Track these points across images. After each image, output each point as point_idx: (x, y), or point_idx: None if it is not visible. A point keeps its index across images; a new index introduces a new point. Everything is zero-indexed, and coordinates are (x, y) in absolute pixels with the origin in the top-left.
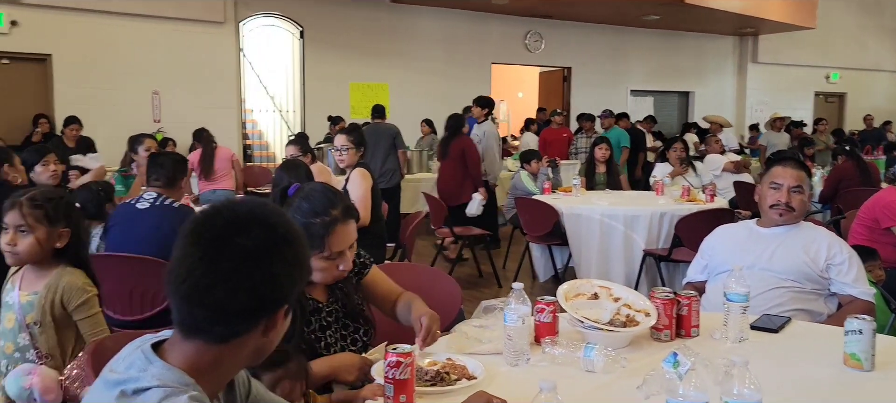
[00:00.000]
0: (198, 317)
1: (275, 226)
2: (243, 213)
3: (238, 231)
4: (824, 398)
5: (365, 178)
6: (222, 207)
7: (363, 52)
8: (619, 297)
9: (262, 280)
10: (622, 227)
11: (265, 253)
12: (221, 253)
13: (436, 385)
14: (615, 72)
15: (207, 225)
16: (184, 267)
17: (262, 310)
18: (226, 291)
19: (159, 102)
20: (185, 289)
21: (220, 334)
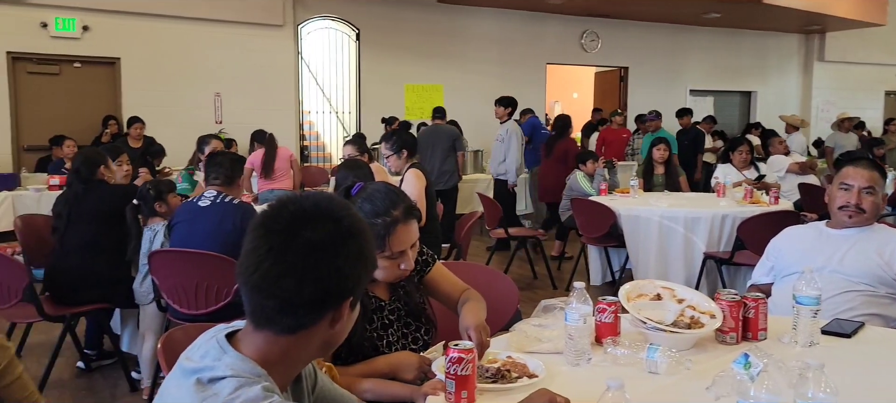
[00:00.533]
0: (267, 308)
1: (340, 220)
2: (309, 207)
3: (305, 224)
4: None
5: (419, 179)
6: (289, 201)
7: (418, 53)
8: (683, 298)
9: (328, 272)
10: (682, 229)
11: (331, 245)
12: (289, 246)
13: (497, 383)
14: (673, 72)
15: (275, 218)
16: (253, 259)
17: (328, 302)
18: (293, 282)
19: (220, 104)
20: (254, 280)
21: (288, 325)
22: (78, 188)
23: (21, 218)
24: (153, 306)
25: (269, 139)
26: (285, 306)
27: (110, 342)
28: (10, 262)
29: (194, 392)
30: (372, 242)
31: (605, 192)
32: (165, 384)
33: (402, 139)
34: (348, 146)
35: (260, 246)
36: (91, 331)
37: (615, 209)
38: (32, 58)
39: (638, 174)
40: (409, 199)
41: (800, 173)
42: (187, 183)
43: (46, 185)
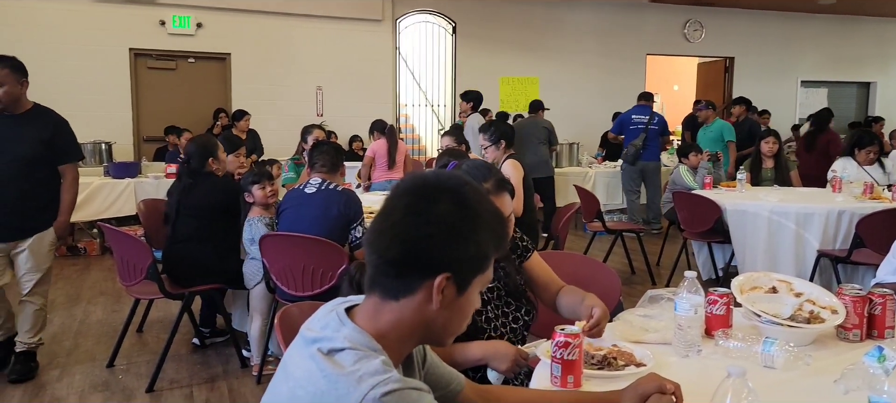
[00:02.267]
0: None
1: (451, 193)
2: (431, 179)
3: (417, 192)
4: None
5: (516, 169)
6: (430, 174)
7: (514, 46)
8: (801, 292)
9: (419, 236)
10: (793, 225)
11: (427, 212)
12: (395, 207)
13: (603, 369)
14: (783, 62)
15: (417, 184)
16: (392, 216)
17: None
18: (386, 240)
19: (322, 97)
20: (367, 237)
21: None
22: (187, 181)
23: (143, 202)
24: (260, 288)
25: (390, 130)
26: (380, 263)
27: (223, 320)
28: (136, 242)
29: (317, 360)
30: (484, 228)
31: (710, 186)
32: (289, 351)
33: (500, 130)
34: (446, 137)
35: (397, 207)
36: (205, 310)
37: (721, 203)
38: (152, 54)
39: (745, 168)
40: (501, 174)
41: None
42: (293, 172)
43: (164, 173)
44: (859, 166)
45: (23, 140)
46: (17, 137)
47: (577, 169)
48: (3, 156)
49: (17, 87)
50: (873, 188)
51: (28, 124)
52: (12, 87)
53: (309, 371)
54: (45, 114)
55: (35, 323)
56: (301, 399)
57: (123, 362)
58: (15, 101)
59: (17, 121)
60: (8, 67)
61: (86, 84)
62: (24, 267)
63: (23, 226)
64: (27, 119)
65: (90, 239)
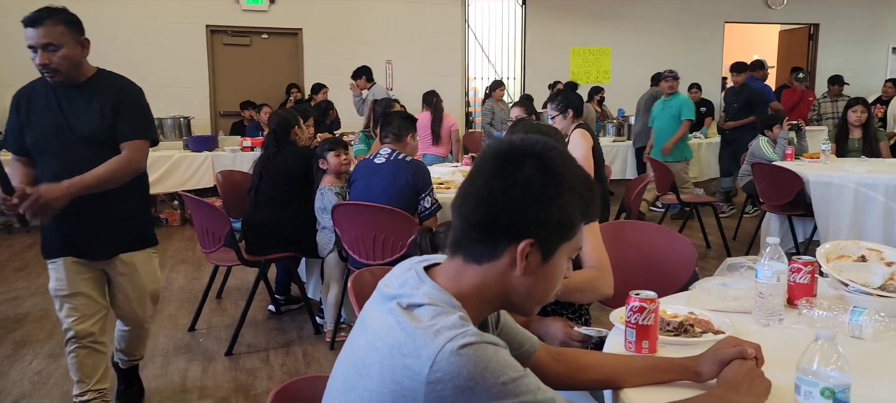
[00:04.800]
0: (456, 229)
1: (537, 158)
2: (516, 144)
3: (503, 157)
4: None
5: (585, 139)
6: (516, 138)
7: (585, 15)
8: (892, 261)
9: (504, 201)
10: (882, 198)
11: (512, 176)
12: (479, 171)
13: (679, 336)
14: (873, 27)
15: (503, 148)
16: (477, 180)
17: (500, 234)
18: (471, 203)
19: (392, 71)
20: (455, 203)
21: (473, 252)
22: (272, 149)
23: (221, 173)
24: (333, 256)
25: (435, 103)
26: (466, 227)
27: (297, 288)
28: (215, 211)
29: (396, 314)
30: (571, 193)
31: (791, 158)
32: (366, 307)
33: (567, 99)
34: (516, 108)
35: (485, 170)
36: (281, 278)
37: (803, 175)
38: (227, 30)
39: (830, 138)
40: (560, 136)
41: None
42: (363, 143)
43: (240, 147)
44: None
45: (92, 116)
46: (87, 114)
47: None
48: (71, 141)
49: (76, 49)
50: None
51: (95, 95)
52: (71, 50)
53: (387, 324)
54: (110, 78)
55: (136, 341)
56: (379, 351)
57: (204, 326)
58: (76, 68)
59: (81, 92)
60: (63, 23)
61: (165, 61)
62: (128, 297)
63: (119, 237)
64: (93, 89)
65: (171, 210)
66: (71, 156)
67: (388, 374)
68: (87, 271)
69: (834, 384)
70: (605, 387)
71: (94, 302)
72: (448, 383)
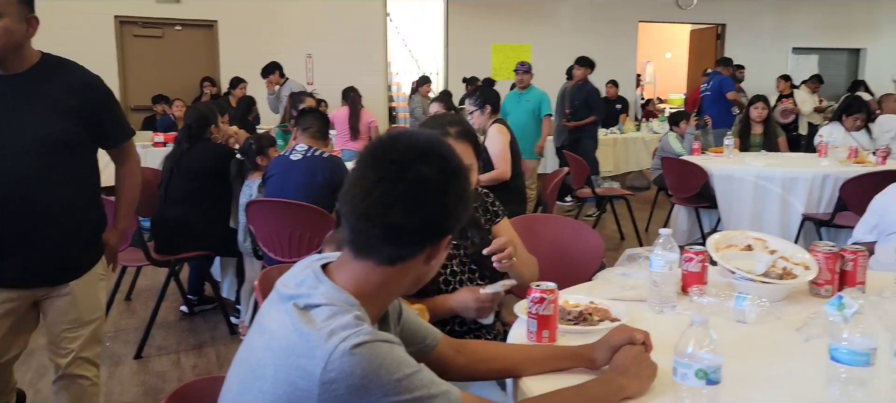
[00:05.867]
0: (372, 236)
1: (448, 159)
2: (422, 142)
3: (417, 157)
4: None
5: (502, 134)
6: (400, 135)
7: (506, 12)
8: (775, 249)
9: (436, 207)
10: (779, 190)
11: (440, 182)
12: (401, 177)
13: (578, 325)
14: (775, 29)
15: (387, 149)
16: (362, 188)
17: (430, 237)
18: (401, 212)
19: (312, 65)
20: (363, 208)
21: (390, 255)
22: (185, 144)
23: None
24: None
25: (351, 98)
26: (391, 235)
27: (211, 288)
28: None
29: (291, 315)
30: (469, 184)
31: (698, 152)
32: (264, 306)
33: (485, 95)
34: (435, 103)
35: (370, 176)
36: (193, 278)
37: (707, 169)
38: (137, 21)
39: (734, 134)
40: (467, 124)
41: None
42: (281, 139)
43: (151, 142)
44: (846, 132)
45: (39, 113)
46: (30, 110)
47: None
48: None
49: (20, 25)
50: (858, 152)
51: (42, 86)
52: (14, 23)
53: (283, 325)
54: (65, 68)
55: None
56: (274, 352)
57: (111, 329)
58: (16, 49)
59: (24, 83)
60: None
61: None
62: (62, 321)
63: (63, 261)
64: (39, 78)
65: None
66: (13, 166)
67: (282, 375)
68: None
69: (707, 365)
70: (506, 376)
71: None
72: (342, 382)
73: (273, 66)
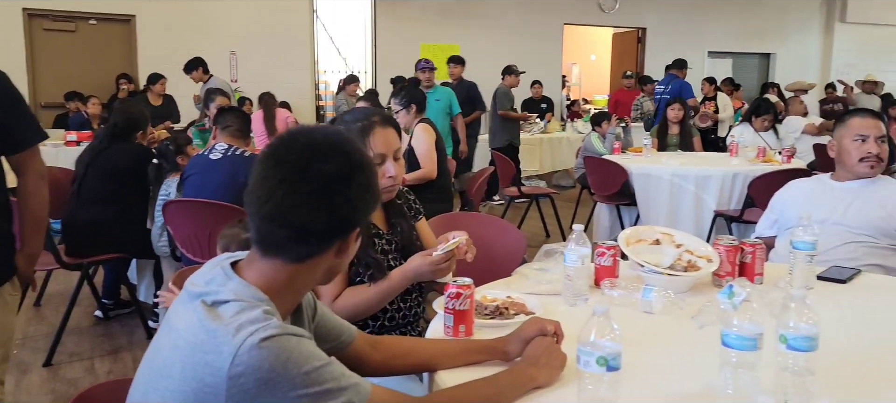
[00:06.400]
0: (279, 237)
1: (350, 153)
2: (321, 139)
3: (317, 155)
4: (890, 342)
5: (428, 133)
6: (299, 133)
7: (435, 12)
8: (680, 243)
9: (341, 203)
10: (693, 188)
11: (343, 177)
12: (302, 176)
13: (494, 319)
14: (692, 33)
15: (287, 148)
16: (265, 189)
17: (338, 232)
18: (306, 212)
19: (236, 63)
20: (267, 209)
21: (299, 253)
22: (104, 143)
23: None
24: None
25: (266, 100)
26: (298, 235)
27: (127, 292)
28: None
29: (199, 312)
30: (375, 174)
31: (618, 151)
32: (173, 306)
33: (410, 94)
34: (361, 102)
35: (272, 176)
36: (108, 281)
37: (627, 167)
38: (48, 14)
39: (652, 134)
40: (387, 113)
41: (816, 134)
42: (198, 139)
43: (64, 141)
44: (755, 132)
45: None
46: None
47: None
48: None
49: None
50: (765, 152)
51: None
52: None
53: (190, 322)
54: None
55: None
56: (181, 350)
57: (19, 336)
58: None
59: None
60: None
61: None
62: None
63: None
64: None
65: None
66: None
67: (190, 372)
68: None
69: (607, 353)
70: (422, 371)
71: None
72: (250, 376)
73: (196, 61)
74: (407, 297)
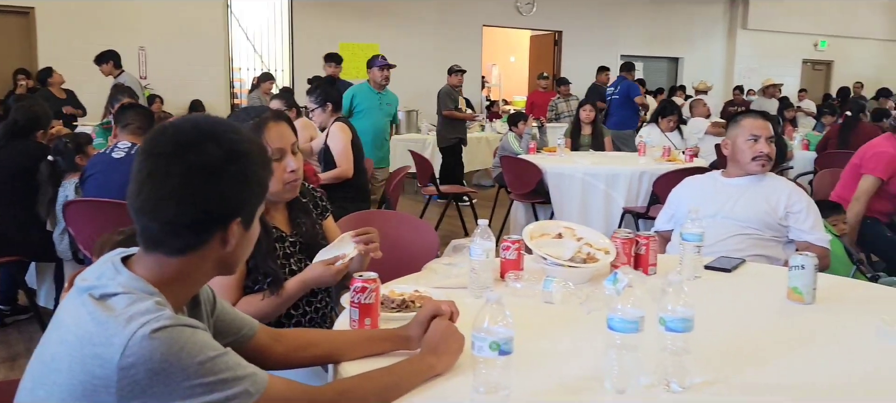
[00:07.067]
0: (152, 231)
1: (221, 142)
2: (188, 130)
3: (184, 147)
4: (763, 326)
5: (344, 131)
6: (170, 125)
7: (353, 10)
8: (581, 237)
9: (209, 195)
10: (603, 186)
11: (212, 168)
12: (168, 170)
13: (400, 312)
14: (606, 37)
15: (156, 142)
16: (136, 183)
17: (213, 224)
18: (173, 205)
19: (146, 59)
20: (138, 203)
21: (176, 246)
22: (1, 141)
23: None
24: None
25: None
26: (169, 228)
27: (25, 297)
28: None
29: (89, 305)
30: (258, 162)
31: (534, 151)
32: (63, 303)
33: (325, 92)
34: (275, 100)
35: (142, 170)
36: (5, 286)
37: (542, 166)
38: None
39: (566, 134)
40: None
41: (718, 134)
42: (102, 138)
43: None
44: (662, 133)
45: None
46: None
47: (416, 135)
48: None
49: None
50: (670, 151)
51: None
52: None
53: (78, 316)
54: None
55: None
56: (69, 344)
57: None
58: None
59: None
60: None
61: None
62: None
63: None
64: None
65: None
66: None
67: (78, 366)
68: None
69: (500, 338)
70: (326, 362)
71: None
72: (141, 367)
73: (109, 54)
74: (312, 299)
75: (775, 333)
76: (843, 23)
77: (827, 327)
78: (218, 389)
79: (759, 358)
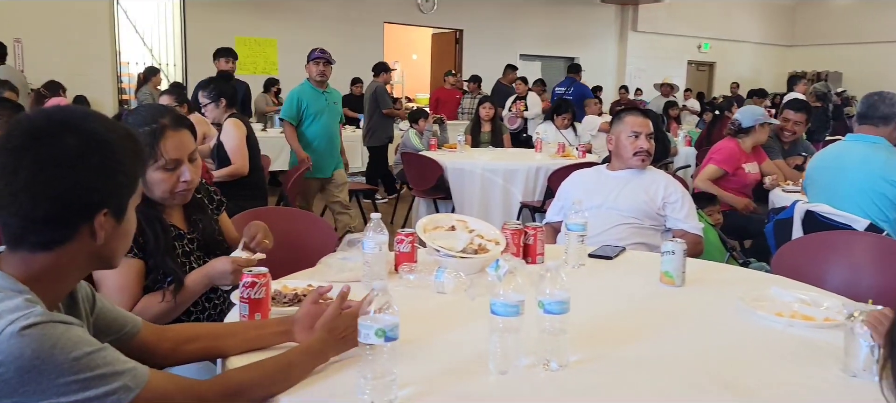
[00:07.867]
0: (12, 227)
1: (78, 131)
2: (41, 120)
3: (36, 139)
4: (636, 306)
5: (238, 128)
6: (24, 117)
7: (251, 5)
8: (473, 229)
9: (66, 187)
10: (501, 181)
11: (66, 158)
12: (20, 163)
13: (292, 306)
14: (506, 36)
15: (8, 136)
16: (21, 174)
17: (74, 218)
18: (28, 200)
19: (22, 51)
20: (31, 191)
21: (38, 242)
22: None
23: None
24: None
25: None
26: (28, 224)
27: None
28: None
29: None
30: (125, 152)
31: (435, 147)
32: None
33: (219, 88)
34: (165, 96)
35: None
36: None
37: (442, 163)
38: None
39: (466, 131)
40: (178, 112)
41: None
42: None
43: None
44: (557, 130)
45: None
46: None
47: None
48: None
49: None
50: (565, 148)
51: None
52: None
53: None
54: None
55: None
56: None
57: None
58: None
59: None
60: None
61: None
62: None
63: None
64: None
65: None
66: None
67: None
68: None
69: (385, 325)
70: (214, 355)
71: None
72: (10, 365)
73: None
74: (212, 295)
75: (647, 314)
76: (724, 26)
77: (693, 306)
78: (94, 385)
79: (631, 337)
